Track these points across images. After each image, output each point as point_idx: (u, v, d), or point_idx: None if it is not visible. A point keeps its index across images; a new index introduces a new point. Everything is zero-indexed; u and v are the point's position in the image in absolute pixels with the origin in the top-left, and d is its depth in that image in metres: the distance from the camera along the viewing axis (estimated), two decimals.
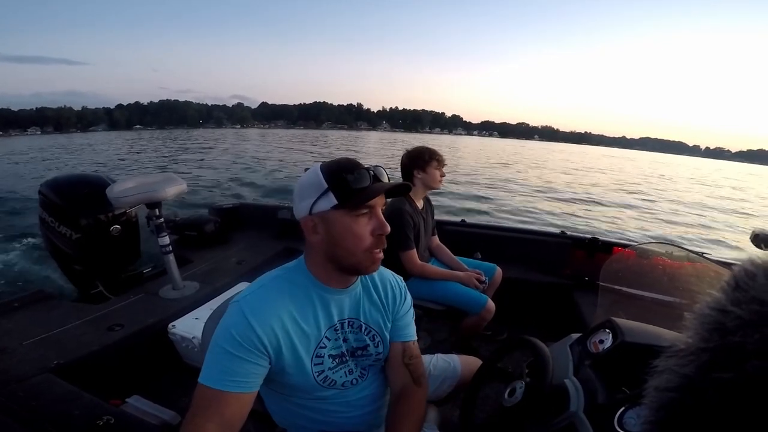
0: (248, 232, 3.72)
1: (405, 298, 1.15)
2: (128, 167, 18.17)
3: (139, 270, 2.83)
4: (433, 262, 2.48)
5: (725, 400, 0.35)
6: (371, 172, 0.91)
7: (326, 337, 0.98)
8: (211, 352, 0.86)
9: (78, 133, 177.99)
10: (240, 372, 0.84)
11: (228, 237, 3.51)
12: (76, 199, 2.46)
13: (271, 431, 1.15)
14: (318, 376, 0.97)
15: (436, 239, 2.55)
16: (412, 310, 1.18)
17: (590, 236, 3.03)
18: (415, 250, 2.16)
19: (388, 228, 0.93)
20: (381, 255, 0.95)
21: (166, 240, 2.43)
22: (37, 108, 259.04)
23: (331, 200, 0.88)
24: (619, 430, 0.74)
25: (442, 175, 2.28)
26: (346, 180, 0.87)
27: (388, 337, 1.09)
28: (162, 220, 2.39)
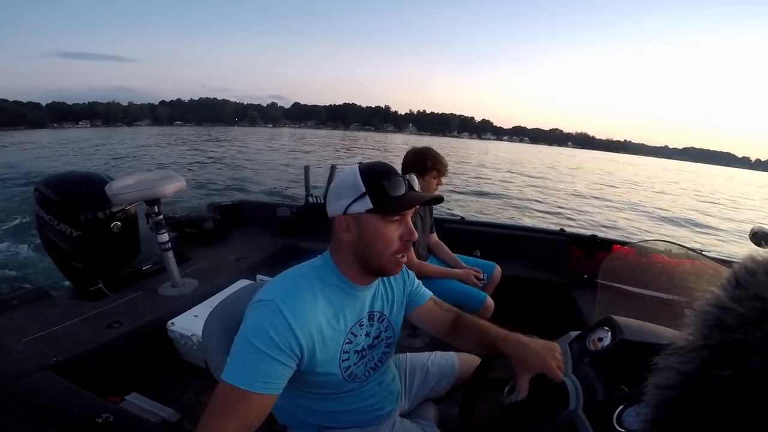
0: (247, 230, 3.71)
1: (409, 273, 1.23)
2: None
3: (138, 267, 2.82)
4: (432, 259, 2.48)
5: (726, 398, 0.35)
6: (407, 180, 0.93)
7: (352, 332, 1.00)
8: (240, 350, 0.84)
9: (124, 127, 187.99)
10: (272, 373, 0.83)
11: (227, 234, 3.51)
12: (76, 197, 2.45)
13: (270, 429, 1.15)
14: (345, 372, 1.00)
15: (434, 236, 2.55)
16: (417, 279, 1.27)
17: (589, 234, 3.04)
18: (411, 250, 2.16)
19: (416, 235, 0.96)
20: (405, 259, 0.99)
21: (165, 237, 2.43)
22: (88, 102, 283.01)
23: (367, 204, 0.90)
24: (617, 428, 0.74)
25: (438, 184, 2.26)
26: (383, 186, 0.90)
27: (398, 319, 1.17)
28: (161, 217, 2.39)
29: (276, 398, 0.86)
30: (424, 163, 2.18)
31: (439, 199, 1.05)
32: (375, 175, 0.91)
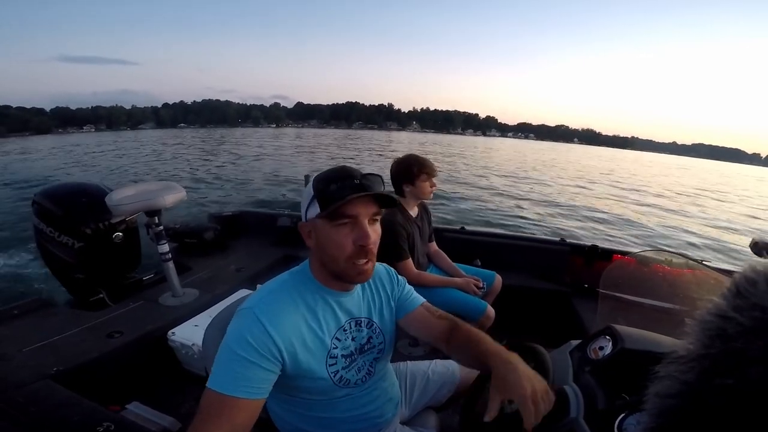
0: (248, 240, 3.72)
1: (398, 278, 1.21)
2: None
3: (139, 277, 2.83)
4: (432, 268, 2.48)
5: (726, 407, 0.35)
6: (357, 181, 0.90)
7: (336, 338, 1.01)
8: (222, 357, 0.86)
9: (127, 131, 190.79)
10: (253, 378, 0.84)
11: (227, 244, 3.51)
12: (76, 208, 2.45)
13: None
14: (334, 376, 1.00)
15: (434, 245, 2.55)
16: (408, 285, 1.24)
17: (590, 244, 3.04)
18: (410, 260, 2.16)
19: (371, 239, 0.92)
20: (368, 266, 0.96)
21: (166, 248, 2.43)
22: (92, 107, 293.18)
23: (317, 209, 0.91)
24: None
25: (432, 186, 2.26)
26: (328, 189, 0.89)
27: (388, 324, 1.15)
28: (161, 227, 2.39)
29: (262, 403, 0.87)
30: (410, 169, 2.19)
31: (390, 200, 0.96)
32: (325, 180, 0.91)
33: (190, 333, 2.09)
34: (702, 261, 1.49)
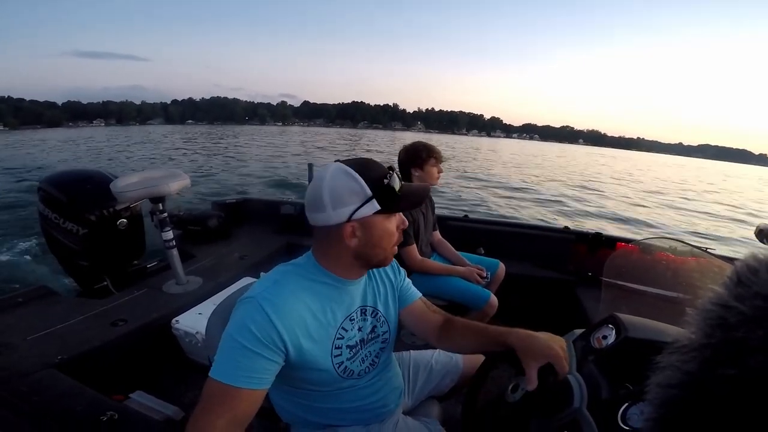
0: (251, 228, 3.72)
1: (399, 269, 1.23)
2: None
3: (143, 265, 2.83)
4: (435, 257, 2.48)
5: (728, 396, 0.35)
6: (396, 173, 0.94)
7: (343, 327, 1.00)
8: (225, 347, 0.86)
9: (136, 126, 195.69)
10: (255, 368, 0.84)
11: (231, 232, 3.52)
12: (81, 195, 2.45)
13: (274, 427, 1.16)
14: (338, 367, 1.00)
15: (437, 234, 2.54)
16: (407, 278, 1.26)
17: (593, 231, 3.03)
18: (414, 246, 2.16)
19: (407, 221, 1.00)
20: (396, 249, 1.01)
21: (170, 235, 2.43)
22: (103, 102, 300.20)
23: (375, 206, 0.90)
24: (622, 426, 0.74)
25: (440, 172, 2.27)
26: (386, 185, 0.90)
27: (392, 313, 1.16)
28: (165, 214, 2.39)
29: (264, 393, 0.87)
30: (419, 154, 2.22)
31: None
32: (375, 175, 0.91)
33: (193, 321, 2.10)
34: (706, 249, 1.48)
